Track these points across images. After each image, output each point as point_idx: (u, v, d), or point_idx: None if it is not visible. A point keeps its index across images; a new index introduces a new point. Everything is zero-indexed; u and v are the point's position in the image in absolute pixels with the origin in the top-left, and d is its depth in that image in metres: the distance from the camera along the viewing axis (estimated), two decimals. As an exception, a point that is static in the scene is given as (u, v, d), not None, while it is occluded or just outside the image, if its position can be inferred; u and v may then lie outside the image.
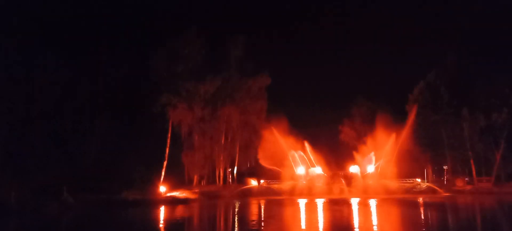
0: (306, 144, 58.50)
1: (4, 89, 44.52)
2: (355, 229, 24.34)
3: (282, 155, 57.10)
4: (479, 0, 64.07)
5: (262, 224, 26.84)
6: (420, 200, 44.08)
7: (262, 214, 33.72)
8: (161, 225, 28.40)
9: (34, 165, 42.38)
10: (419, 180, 55.42)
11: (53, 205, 36.53)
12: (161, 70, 52.54)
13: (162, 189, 46.94)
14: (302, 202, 42.80)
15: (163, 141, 51.98)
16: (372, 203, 40.58)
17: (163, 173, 50.23)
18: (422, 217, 29.72)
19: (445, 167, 58.28)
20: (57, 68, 47.84)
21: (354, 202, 42.41)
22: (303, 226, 25.79)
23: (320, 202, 42.60)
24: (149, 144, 51.75)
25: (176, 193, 47.06)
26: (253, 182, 56.86)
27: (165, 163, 50.91)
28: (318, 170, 58.06)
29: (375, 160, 56.81)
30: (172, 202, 43.36)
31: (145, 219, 32.12)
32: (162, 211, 36.56)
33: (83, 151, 50.52)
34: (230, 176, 59.88)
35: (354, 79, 73.62)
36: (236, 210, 37.84)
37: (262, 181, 56.74)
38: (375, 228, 24.27)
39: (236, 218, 31.58)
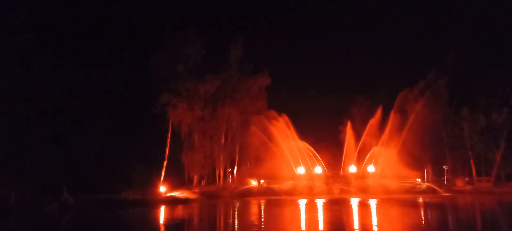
0: (285, 117, 57.61)
1: (4, 89, 44.53)
2: (355, 229, 24.36)
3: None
4: (479, 0, 64.05)
5: (262, 224, 26.84)
6: (420, 200, 44.09)
7: (262, 214, 33.72)
8: (161, 225, 28.42)
9: (34, 165, 42.35)
10: (419, 180, 55.40)
11: (53, 205, 36.55)
12: (161, 70, 52.49)
13: (162, 189, 46.93)
14: (302, 202, 42.80)
15: (163, 141, 52.01)
16: (372, 203, 40.60)
17: (163, 173, 50.25)
18: (422, 217, 29.73)
19: (445, 167, 58.28)
20: (57, 68, 47.86)
21: (354, 202, 42.43)
22: (303, 226, 25.80)
23: (320, 202, 42.61)
24: (149, 144, 51.78)
25: (176, 193, 47.06)
26: (253, 182, 56.84)
27: (165, 163, 50.92)
28: (318, 170, 58.03)
29: (374, 160, 56.81)
30: (172, 202, 43.35)
31: (145, 219, 32.13)
32: (162, 211, 36.56)
33: (83, 151, 50.51)
34: (230, 176, 59.87)
35: (354, 79, 73.68)
36: (236, 210, 37.84)
37: (262, 181, 56.70)
38: (375, 228, 24.28)
39: (236, 218, 31.58)
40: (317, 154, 58.12)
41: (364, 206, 37.96)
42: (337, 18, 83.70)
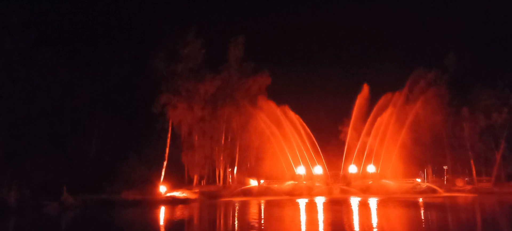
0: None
1: (4, 89, 44.51)
2: (355, 229, 24.34)
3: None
4: (479, 0, 64.12)
5: (262, 224, 26.83)
6: (420, 200, 44.08)
7: (262, 214, 33.71)
8: (161, 225, 28.41)
9: (34, 165, 42.39)
10: (419, 180, 55.38)
11: (53, 205, 36.57)
12: (161, 70, 52.55)
13: (162, 189, 46.94)
14: (302, 202, 42.80)
15: (163, 141, 51.99)
16: (372, 203, 40.59)
17: (163, 173, 50.23)
18: (422, 217, 29.72)
19: (445, 167, 58.24)
20: (57, 67, 47.87)
21: (354, 202, 42.42)
22: (303, 226, 25.78)
23: (320, 202, 42.60)
24: (149, 144, 51.80)
25: (176, 193, 47.06)
26: (253, 182, 56.81)
27: (165, 163, 50.90)
28: (318, 169, 58.01)
29: (374, 160, 56.82)
30: (172, 202, 43.36)
31: (145, 219, 32.12)
32: (162, 211, 36.55)
33: (83, 151, 50.52)
34: (230, 176, 59.85)
35: (354, 79, 73.63)
36: (236, 210, 37.83)
37: (262, 181, 56.68)
38: (375, 228, 24.26)
39: (236, 219, 31.56)
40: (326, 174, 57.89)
41: (364, 206, 37.95)
42: (337, 18, 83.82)
